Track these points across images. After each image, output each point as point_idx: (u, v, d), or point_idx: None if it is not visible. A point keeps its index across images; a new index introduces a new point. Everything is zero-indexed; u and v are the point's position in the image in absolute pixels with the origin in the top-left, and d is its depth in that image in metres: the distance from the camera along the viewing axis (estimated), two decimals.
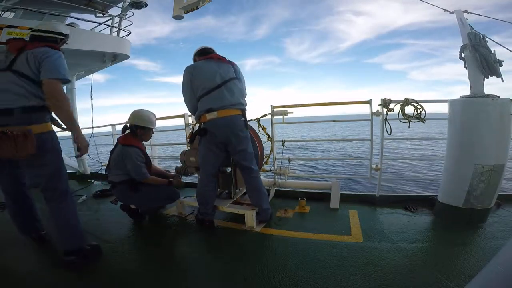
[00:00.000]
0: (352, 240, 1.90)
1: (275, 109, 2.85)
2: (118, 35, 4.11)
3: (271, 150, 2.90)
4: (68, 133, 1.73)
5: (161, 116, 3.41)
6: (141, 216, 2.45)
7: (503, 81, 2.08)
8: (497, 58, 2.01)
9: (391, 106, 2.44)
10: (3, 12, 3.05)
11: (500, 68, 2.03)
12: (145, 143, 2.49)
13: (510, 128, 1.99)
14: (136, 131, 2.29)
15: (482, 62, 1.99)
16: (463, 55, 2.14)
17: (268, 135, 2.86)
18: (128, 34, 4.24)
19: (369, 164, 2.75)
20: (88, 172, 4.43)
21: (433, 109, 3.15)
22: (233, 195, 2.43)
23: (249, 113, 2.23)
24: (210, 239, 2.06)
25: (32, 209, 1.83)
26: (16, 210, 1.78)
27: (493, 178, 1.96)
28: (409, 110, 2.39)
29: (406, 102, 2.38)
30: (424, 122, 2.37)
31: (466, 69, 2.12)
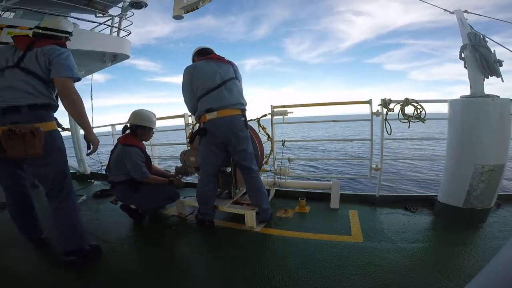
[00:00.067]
0: (352, 240, 1.90)
1: (275, 109, 2.86)
2: (118, 35, 4.11)
3: (271, 150, 2.90)
4: (68, 133, 1.73)
5: (161, 116, 3.41)
6: (141, 216, 2.45)
7: (503, 81, 2.08)
8: (497, 58, 2.01)
9: (391, 106, 2.44)
10: (3, 12, 3.05)
11: (500, 68, 2.03)
12: (145, 143, 2.49)
13: (510, 128, 1.98)
14: (137, 131, 2.30)
15: (482, 62, 1.99)
16: (463, 55, 2.14)
17: (268, 135, 2.86)
18: (128, 34, 4.24)
19: (369, 164, 2.75)
20: (88, 172, 4.43)
21: (433, 109, 3.15)
22: (233, 195, 2.43)
23: (249, 113, 2.23)
24: (210, 239, 2.06)
25: (32, 209, 1.82)
26: (17, 210, 1.77)
27: (493, 178, 1.96)
28: (409, 110, 2.39)
29: (406, 102, 2.38)
30: (424, 122, 2.37)
31: (466, 69, 2.12)
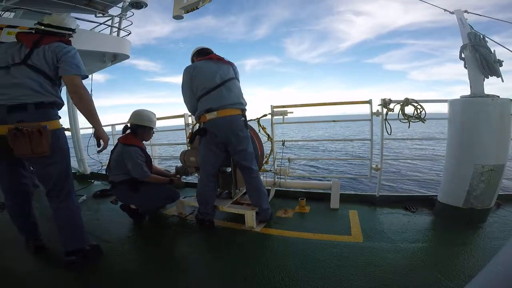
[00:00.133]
0: (352, 240, 1.90)
1: (275, 109, 2.86)
2: (118, 35, 4.11)
3: (271, 150, 2.90)
4: (68, 133, 1.72)
5: (161, 116, 3.41)
6: (141, 216, 2.44)
7: (503, 81, 2.08)
8: (497, 58, 2.01)
9: (391, 106, 2.44)
10: (3, 12, 3.05)
11: (500, 68, 2.03)
12: (145, 143, 2.49)
13: (510, 128, 1.98)
14: (137, 131, 2.30)
15: (482, 62, 1.99)
16: (463, 55, 2.14)
17: (268, 135, 2.86)
18: (128, 34, 4.24)
19: (369, 164, 2.75)
20: (88, 172, 4.43)
21: (433, 109, 3.15)
22: (233, 195, 2.43)
23: (249, 113, 2.24)
24: (210, 239, 2.06)
25: (32, 210, 1.78)
26: (17, 210, 1.73)
27: (493, 178, 1.96)
28: (409, 110, 2.39)
29: (406, 102, 2.38)
30: (424, 122, 2.37)
31: (466, 69, 2.12)
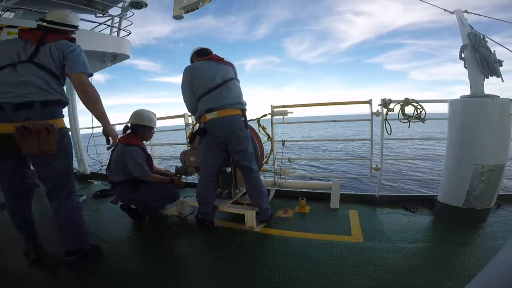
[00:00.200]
0: (352, 240, 1.90)
1: (275, 109, 2.86)
2: (118, 35, 4.12)
3: (271, 150, 2.90)
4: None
5: (161, 116, 3.41)
6: (141, 216, 2.45)
7: (503, 81, 2.08)
8: (497, 58, 2.01)
9: (391, 106, 2.44)
10: (3, 12, 3.06)
11: (500, 68, 2.02)
12: (145, 143, 2.49)
13: (510, 128, 1.98)
14: (137, 131, 2.31)
15: (482, 62, 1.99)
16: (463, 55, 2.14)
17: (268, 135, 2.86)
18: (128, 34, 4.25)
19: (369, 164, 2.75)
20: (88, 172, 4.43)
21: (433, 109, 3.15)
22: (233, 195, 2.43)
23: (249, 113, 2.24)
24: (210, 239, 2.06)
25: (31, 209, 1.73)
26: (18, 210, 1.66)
27: (493, 178, 1.96)
28: (409, 110, 2.39)
29: (406, 102, 2.38)
30: (424, 122, 2.37)
31: (466, 69, 2.12)
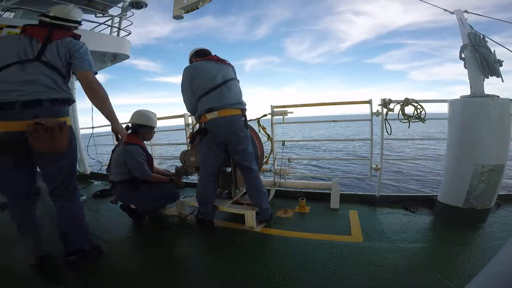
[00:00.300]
0: (352, 240, 1.90)
1: (275, 109, 2.86)
2: (118, 35, 4.12)
3: (271, 150, 2.90)
4: None
5: (161, 116, 3.41)
6: (141, 216, 2.44)
7: (503, 81, 2.08)
8: (497, 58, 2.01)
9: (391, 106, 2.44)
10: (3, 12, 3.06)
11: (500, 68, 2.03)
12: (145, 143, 2.49)
13: (510, 128, 1.98)
14: (138, 130, 2.32)
15: (482, 62, 1.99)
16: (463, 55, 2.14)
17: (268, 135, 2.86)
18: (128, 34, 4.25)
19: (369, 164, 2.75)
20: (88, 172, 4.43)
21: (433, 109, 3.15)
22: (233, 195, 2.43)
23: (249, 113, 2.24)
24: (210, 239, 2.06)
25: (37, 214, 1.64)
26: (27, 213, 1.55)
27: (493, 178, 1.96)
28: (409, 110, 2.39)
29: (406, 102, 2.38)
30: (424, 122, 2.37)
31: (466, 69, 2.12)
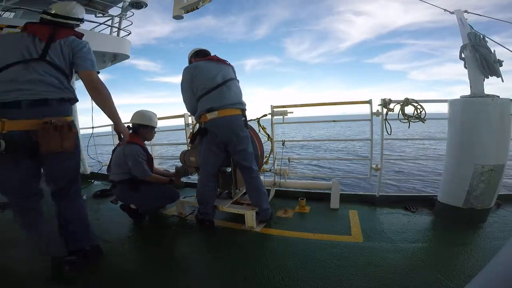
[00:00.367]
0: (352, 240, 1.90)
1: (275, 109, 2.86)
2: (118, 35, 4.12)
3: (271, 150, 2.90)
4: None
5: (161, 116, 3.41)
6: (141, 216, 2.44)
7: (503, 81, 2.08)
8: (497, 58, 2.01)
9: (391, 106, 2.44)
10: (3, 12, 3.06)
11: (500, 68, 2.02)
12: (145, 143, 2.49)
13: (510, 128, 1.98)
14: (139, 130, 2.32)
15: (482, 62, 1.99)
16: (463, 55, 2.14)
17: (268, 135, 2.86)
18: (128, 34, 4.25)
19: (369, 164, 2.75)
20: (88, 172, 4.43)
21: (433, 109, 3.15)
22: (233, 195, 2.42)
23: (249, 113, 2.23)
24: (210, 239, 2.06)
25: (43, 214, 1.61)
26: (35, 214, 1.54)
27: (493, 178, 1.96)
28: (409, 110, 2.39)
29: (406, 102, 2.38)
30: (424, 122, 2.37)
31: (466, 69, 2.12)
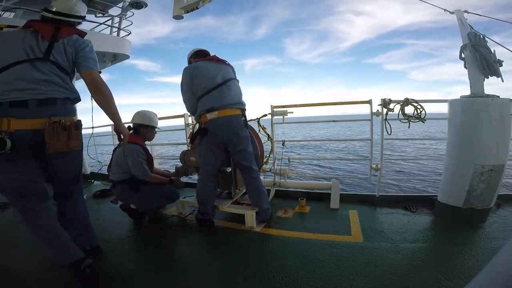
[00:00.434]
0: (352, 240, 1.90)
1: (275, 109, 2.86)
2: (118, 35, 4.12)
3: (271, 150, 2.90)
4: None
5: (162, 116, 3.41)
6: (141, 216, 2.45)
7: (503, 81, 2.08)
8: (497, 58, 2.01)
9: (391, 106, 2.44)
10: (3, 12, 3.06)
11: (500, 68, 2.02)
12: (146, 143, 2.49)
13: (510, 128, 1.98)
14: (139, 130, 2.32)
15: (482, 62, 1.99)
16: (463, 55, 2.14)
17: (268, 135, 2.86)
18: (128, 34, 4.25)
19: (369, 164, 2.75)
20: (88, 172, 4.43)
21: (433, 109, 3.15)
22: (233, 195, 2.43)
23: (249, 113, 2.24)
24: (210, 239, 2.06)
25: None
26: (48, 222, 1.47)
27: (493, 178, 1.96)
28: (409, 110, 2.39)
29: (406, 102, 2.38)
30: (424, 122, 2.37)
31: (466, 69, 2.12)
